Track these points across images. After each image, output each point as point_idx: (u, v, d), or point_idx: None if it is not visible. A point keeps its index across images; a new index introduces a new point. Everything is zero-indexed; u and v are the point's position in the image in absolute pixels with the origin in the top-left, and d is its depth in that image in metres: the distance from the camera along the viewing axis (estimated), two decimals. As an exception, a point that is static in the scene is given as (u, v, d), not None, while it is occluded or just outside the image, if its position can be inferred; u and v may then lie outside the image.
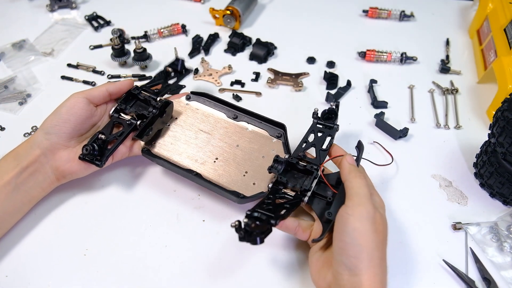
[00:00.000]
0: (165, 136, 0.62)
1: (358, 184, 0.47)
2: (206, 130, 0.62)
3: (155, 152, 0.60)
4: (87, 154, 0.55)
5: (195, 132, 0.62)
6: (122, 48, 0.81)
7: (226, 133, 0.62)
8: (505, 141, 0.53)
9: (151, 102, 0.61)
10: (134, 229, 0.57)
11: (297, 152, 0.56)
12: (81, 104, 0.57)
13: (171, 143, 0.61)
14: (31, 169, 0.54)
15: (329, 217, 0.48)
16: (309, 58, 0.84)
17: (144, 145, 0.60)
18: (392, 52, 0.83)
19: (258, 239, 0.43)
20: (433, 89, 0.78)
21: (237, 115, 0.63)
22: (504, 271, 0.52)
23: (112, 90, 0.61)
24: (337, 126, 0.59)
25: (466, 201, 0.60)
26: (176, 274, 0.52)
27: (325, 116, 0.59)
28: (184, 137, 0.61)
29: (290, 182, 0.53)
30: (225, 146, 0.60)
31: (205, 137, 0.61)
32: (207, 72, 0.81)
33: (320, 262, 0.48)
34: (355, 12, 0.97)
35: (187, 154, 0.60)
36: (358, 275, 0.42)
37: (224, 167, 0.58)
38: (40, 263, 0.53)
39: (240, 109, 0.63)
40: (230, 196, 0.55)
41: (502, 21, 0.78)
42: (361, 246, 0.42)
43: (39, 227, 0.57)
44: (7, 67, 0.82)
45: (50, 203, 0.59)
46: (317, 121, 0.59)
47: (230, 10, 0.89)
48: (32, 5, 0.99)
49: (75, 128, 0.57)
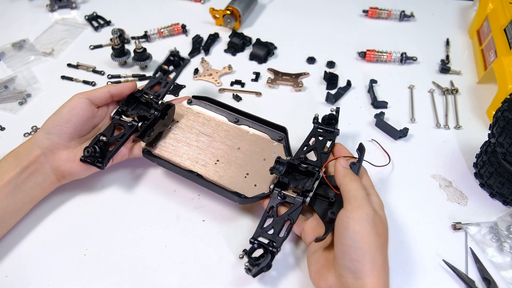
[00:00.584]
0: (166, 138, 0.62)
1: (355, 187, 0.47)
2: (208, 133, 0.62)
3: (156, 154, 0.60)
4: (88, 156, 0.55)
5: (196, 135, 0.62)
6: (122, 48, 0.81)
7: (227, 136, 0.62)
8: (505, 141, 0.53)
9: (153, 104, 0.61)
10: (134, 229, 0.57)
11: (299, 155, 0.57)
12: (83, 105, 0.57)
13: (172, 145, 0.61)
14: (31, 169, 0.54)
15: (332, 216, 0.48)
16: (309, 58, 0.84)
17: (145, 146, 0.60)
18: (392, 52, 0.83)
19: (265, 269, 0.48)
20: (433, 89, 0.78)
21: (239, 119, 0.63)
22: (504, 271, 0.52)
23: (114, 92, 0.61)
24: (337, 130, 0.60)
25: (466, 201, 0.60)
26: (176, 274, 0.52)
27: (325, 121, 0.60)
28: (185, 139, 0.61)
29: (291, 183, 0.53)
30: (226, 149, 0.60)
31: (206, 140, 0.61)
32: (207, 72, 0.81)
33: (319, 263, 0.48)
34: (355, 12, 0.97)
35: (188, 156, 0.60)
36: (361, 278, 0.42)
37: (225, 168, 0.58)
38: (40, 263, 0.53)
39: (242, 112, 0.63)
40: (232, 197, 0.55)
41: (502, 21, 0.78)
42: (363, 249, 0.42)
43: (39, 227, 0.57)
44: (7, 67, 0.82)
45: (50, 204, 0.59)
46: (317, 126, 0.60)
47: (230, 10, 0.89)
48: (32, 5, 0.99)
49: (76, 129, 0.57)
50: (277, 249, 0.49)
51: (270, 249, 0.48)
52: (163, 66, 0.67)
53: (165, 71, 0.68)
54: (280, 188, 0.54)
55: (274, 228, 0.51)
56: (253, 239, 0.50)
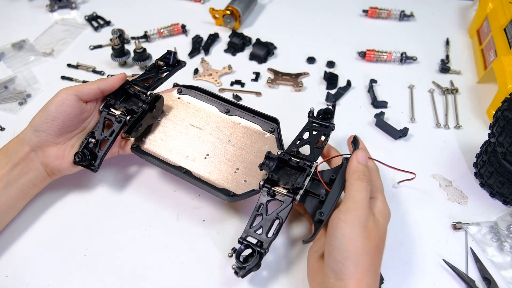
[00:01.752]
0: (155, 131, 0.61)
1: (357, 187, 0.46)
2: (197, 125, 0.61)
3: (145, 149, 0.59)
4: (79, 162, 0.56)
5: (186, 127, 0.61)
6: (122, 48, 0.81)
7: (218, 128, 0.60)
8: (505, 140, 0.53)
9: (141, 96, 0.59)
10: (134, 229, 0.57)
11: (290, 148, 0.55)
12: (70, 102, 0.55)
13: (162, 139, 0.60)
14: (22, 165, 0.54)
15: (320, 217, 0.47)
16: (309, 58, 0.84)
17: (134, 142, 0.59)
18: (392, 52, 0.83)
19: (254, 269, 0.48)
20: (433, 89, 0.78)
21: (230, 109, 0.61)
22: (504, 270, 0.52)
23: (104, 87, 0.58)
24: (332, 125, 0.57)
25: (466, 201, 0.60)
26: (176, 274, 0.52)
27: (320, 116, 0.59)
28: (175, 132, 0.60)
29: (282, 179, 0.51)
30: (217, 142, 0.59)
31: (196, 132, 0.60)
32: (207, 72, 0.81)
33: (317, 264, 0.47)
34: (355, 12, 0.97)
35: (177, 150, 0.58)
36: (343, 280, 0.41)
37: (215, 163, 0.57)
38: (40, 263, 0.53)
39: (232, 103, 0.62)
40: (220, 195, 0.54)
41: (502, 21, 0.78)
42: (347, 252, 0.42)
43: (39, 227, 0.57)
44: (7, 67, 0.82)
45: (50, 203, 0.59)
46: (312, 120, 0.59)
47: (230, 10, 0.89)
48: (32, 5, 0.99)
49: (64, 126, 0.56)
50: (265, 250, 0.47)
51: (258, 250, 0.47)
52: (158, 62, 0.66)
53: (159, 67, 0.66)
54: (270, 184, 0.52)
55: (262, 227, 0.49)
56: (242, 239, 0.49)
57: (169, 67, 0.67)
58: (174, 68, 0.67)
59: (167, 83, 0.67)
